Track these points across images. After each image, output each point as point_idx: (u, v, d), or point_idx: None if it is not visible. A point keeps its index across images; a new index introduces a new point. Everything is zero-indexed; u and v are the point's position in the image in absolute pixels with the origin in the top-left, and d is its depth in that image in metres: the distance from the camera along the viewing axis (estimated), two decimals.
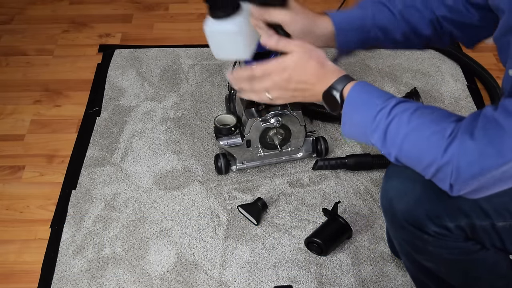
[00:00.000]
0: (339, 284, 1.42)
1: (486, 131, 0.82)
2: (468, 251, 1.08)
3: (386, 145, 0.91)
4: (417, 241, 1.08)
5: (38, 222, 1.57)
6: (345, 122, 0.96)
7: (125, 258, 1.47)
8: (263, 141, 1.62)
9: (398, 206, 1.05)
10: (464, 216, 1.02)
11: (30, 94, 1.98)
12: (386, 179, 1.09)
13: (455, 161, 0.83)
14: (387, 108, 0.90)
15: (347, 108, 0.95)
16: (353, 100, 0.94)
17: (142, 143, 1.78)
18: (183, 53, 2.13)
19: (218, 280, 1.42)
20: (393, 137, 0.90)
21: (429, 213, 1.02)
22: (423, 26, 1.11)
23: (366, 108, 0.92)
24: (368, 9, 1.12)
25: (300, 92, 1.00)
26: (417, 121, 0.87)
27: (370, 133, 0.92)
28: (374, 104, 0.91)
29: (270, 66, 1.00)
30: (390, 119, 0.89)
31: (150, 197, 1.62)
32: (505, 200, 1.01)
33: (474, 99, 1.93)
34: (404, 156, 0.91)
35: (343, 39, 1.11)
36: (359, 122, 0.94)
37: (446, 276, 1.18)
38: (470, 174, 0.83)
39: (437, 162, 0.85)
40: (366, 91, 0.94)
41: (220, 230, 1.54)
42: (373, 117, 0.91)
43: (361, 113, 0.93)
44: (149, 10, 2.38)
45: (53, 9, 2.38)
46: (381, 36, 1.12)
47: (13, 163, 1.73)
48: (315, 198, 1.61)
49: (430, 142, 0.86)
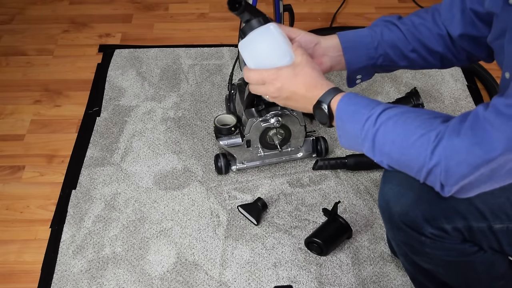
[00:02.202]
0: (339, 284, 1.42)
1: (474, 130, 0.82)
2: (465, 253, 1.08)
3: (376, 154, 0.92)
4: (415, 243, 1.08)
5: (38, 222, 1.57)
6: (340, 134, 0.98)
7: (125, 258, 1.47)
8: (263, 141, 1.62)
9: (395, 208, 1.06)
10: (461, 218, 1.02)
11: (30, 94, 1.98)
12: (383, 182, 1.10)
13: (443, 161, 0.84)
14: (373, 116, 0.91)
15: (339, 121, 0.96)
16: (342, 113, 0.95)
17: (142, 143, 1.78)
18: (183, 53, 2.13)
19: (218, 280, 1.42)
20: (381, 146, 0.90)
21: (425, 215, 1.02)
22: (433, 41, 1.12)
23: (355, 119, 0.93)
24: (376, 27, 1.13)
25: (292, 101, 1.03)
26: (402, 128, 0.88)
27: (361, 143, 0.93)
28: (361, 114, 0.92)
29: (264, 74, 1.02)
30: (376, 127, 0.90)
31: (150, 197, 1.62)
32: (501, 202, 1.01)
33: (474, 99, 1.93)
34: (395, 163, 0.92)
35: (351, 55, 1.12)
36: (351, 133, 0.95)
37: (444, 277, 1.18)
38: (459, 173, 0.83)
39: (426, 165, 0.86)
40: (353, 103, 0.95)
41: (220, 230, 1.54)
42: (361, 127, 0.92)
43: (351, 124, 0.94)
44: (149, 10, 2.38)
45: (53, 9, 2.38)
46: (390, 53, 1.12)
47: (13, 163, 1.74)
48: (315, 198, 1.61)
49: (416, 147, 0.86)
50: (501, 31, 0.93)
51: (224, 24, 2.29)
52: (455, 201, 0.95)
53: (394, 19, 1.14)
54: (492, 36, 0.98)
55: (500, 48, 0.94)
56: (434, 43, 1.12)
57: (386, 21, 1.14)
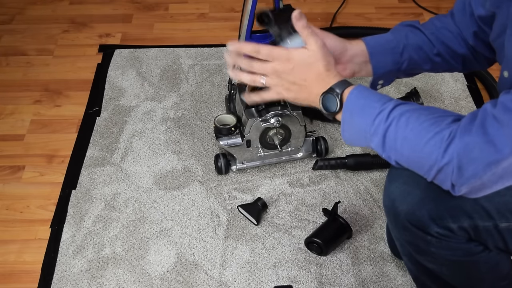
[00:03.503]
0: (339, 284, 1.42)
1: (485, 128, 0.82)
2: (470, 252, 1.08)
3: (386, 149, 0.91)
4: (420, 242, 1.08)
5: (38, 222, 1.57)
6: (345, 128, 0.96)
7: (125, 258, 1.47)
8: (263, 141, 1.62)
9: (401, 207, 1.05)
10: (467, 217, 1.01)
11: (30, 94, 1.98)
12: (389, 181, 1.09)
13: (455, 160, 0.83)
14: (385, 111, 0.90)
15: (346, 113, 0.95)
16: (351, 105, 0.94)
17: (142, 143, 1.78)
18: (183, 53, 2.13)
19: (218, 280, 1.42)
20: (392, 142, 0.90)
21: (431, 214, 1.02)
22: (456, 44, 1.12)
23: (365, 112, 0.92)
24: (401, 31, 1.13)
25: (296, 88, 0.99)
26: (415, 124, 0.88)
27: (370, 137, 0.92)
28: (372, 108, 0.91)
29: (276, 51, 0.99)
30: (388, 123, 0.89)
31: (150, 197, 1.62)
32: (507, 200, 1.01)
33: (474, 99, 1.93)
34: (405, 161, 0.91)
35: (377, 60, 1.12)
36: (358, 127, 0.94)
37: (448, 277, 1.17)
38: (471, 171, 0.83)
39: (437, 164, 0.85)
40: (364, 96, 0.94)
41: (220, 230, 1.54)
42: (371, 121, 0.91)
43: (360, 118, 0.93)
44: (149, 10, 2.38)
45: (53, 9, 2.38)
46: (415, 56, 1.12)
47: (13, 163, 1.74)
48: (315, 198, 1.62)
49: (429, 145, 0.86)
50: (501, 28, 0.93)
51: (224, 24, 2.29)
52: (461, 200, 0.94)
53: (415, 23, 1.14)
54: (494, 34, 0.98)
55: (501, 47, 0.94)
56: (457, 46, 1.12)
57: (408, 26, 1.14)
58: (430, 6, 2.37)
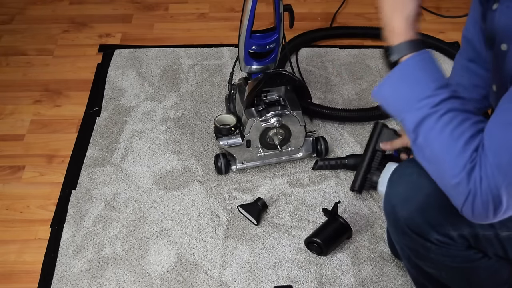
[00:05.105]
0: (339, 284, 1.42)
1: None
2: (470, 259, 1.07)
3: (416, 131, 0.89)
4: (419, 248, 1.07)
5: (38, 222, 1.57)
6: (385, 84, 0.93)
7: (125, 258, 1.47)
8: (263, 141, 1.62)
9: (401, 213, 1.05)
10: (467, 225, 1.01)
11: (30, 94, 1.97)
12: (389, 186, 1.08)
13: (477, 189, 0.84)
14: (436, 98, 0.87)
15: (396, 74, 0.92)
16: (406, 71, 0.91)
17: (142, 143, 1.78)
18: (183, 53, 2.13)
19: (218, 280, 1.42)
20: (427, 130, 0.87)
21: (432, 221, 1.02)
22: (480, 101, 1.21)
23: (416, 88, 0.89)
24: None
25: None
26: (457, 126, 0.86)
27: (407, 110, 0.89)
28: (426, 87, 0.88)
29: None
30: (434, 110, 0.86)
31: (150, 197, 1.62)
32: None
33: None
34: (429, 152, 0.89)
35: None
36: (401, 94, 0.91)
37: (447, 281, 1.17)
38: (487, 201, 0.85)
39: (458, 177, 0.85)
40: (424, 68, 0.90)
41: (220, 230, 1.54)
42: (418, 99, 0.88)
43: (408, 88, 0.90)
44: (149, 10, 2.38)
45: (53, 9, 2.38)
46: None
47: (13, 163, 1.73)
48: (315, 198, 1.61)
49: (455, 159, 0.85)
50: (489, 40, 0.94)
51: (224, 24, 2.29)
52: None
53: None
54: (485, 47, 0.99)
55: (490, 60, 0.94)
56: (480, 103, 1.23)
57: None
58: (430, 6, 2.37)
